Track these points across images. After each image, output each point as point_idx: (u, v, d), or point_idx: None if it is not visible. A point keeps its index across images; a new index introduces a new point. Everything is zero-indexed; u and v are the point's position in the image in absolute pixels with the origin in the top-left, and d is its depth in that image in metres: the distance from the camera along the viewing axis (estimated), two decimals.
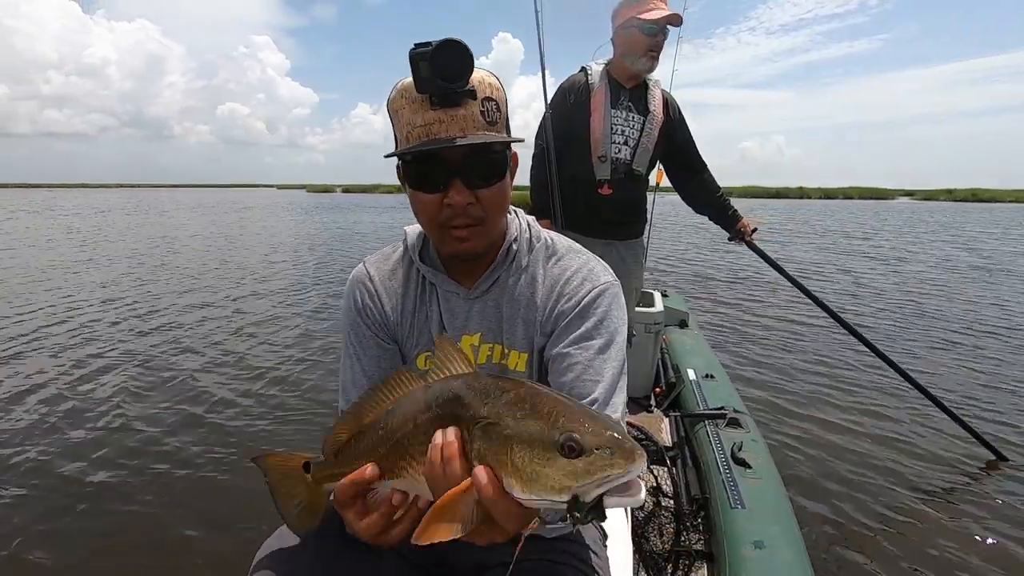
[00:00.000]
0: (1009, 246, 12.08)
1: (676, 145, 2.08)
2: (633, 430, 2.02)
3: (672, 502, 1.81)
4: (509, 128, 0.74)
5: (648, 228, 2.27)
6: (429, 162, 0.69)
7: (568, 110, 1.96)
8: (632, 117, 1.96)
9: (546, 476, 0.43)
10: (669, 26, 1.89)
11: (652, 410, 2.54)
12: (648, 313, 2.59)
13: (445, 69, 0.63)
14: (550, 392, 0.49)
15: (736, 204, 2.24)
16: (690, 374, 2.44)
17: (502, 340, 0.79)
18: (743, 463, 1.69)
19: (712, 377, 2.39)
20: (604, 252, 1.80)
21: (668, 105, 2.03)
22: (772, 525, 1.43)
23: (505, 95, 0.72)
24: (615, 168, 1.97)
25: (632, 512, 1.57)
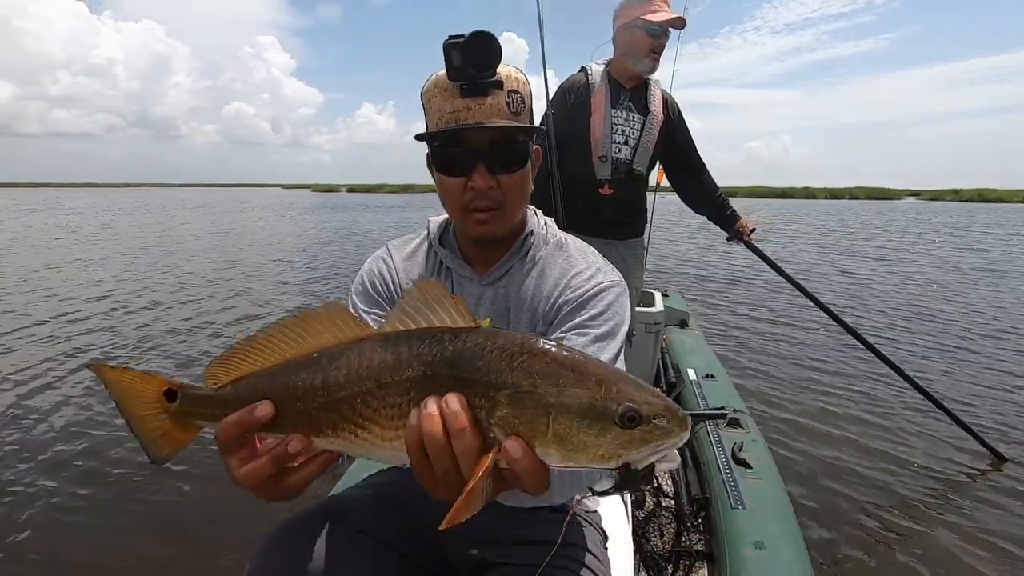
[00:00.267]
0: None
1: (676, 145, 2.08)
2: None
3: (673, 502, 1.81)
4: (533, 121, 0.79)
5: (649, 228, 2.27)
6: (455, 147, 0.74)
7: (568, 110, 1.97)
8: (632, 117, 1.97)
9: (596, 445, 0.41)
10: (672, 29, 1.89)
11: None
12: (648, 313, 2.58)
13: (476, 58, 0.68)
14: (588, 357, 0.45)
15: (742, 204, 2.25)
16: (690, 374, 2.44)
17: (509, 327, 0.81)
18: (744, 463, 1.69)
19: (712, 377, 2.38)
20: (604, 252, 1.78)
21: (668, 105, 2.03)
22: (772, 525, 1.42)
23: (531, 90, 0.77)
24: (615, 168, 1.97)
25: (632, 512, 1.57)
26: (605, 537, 0.93)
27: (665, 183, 2.36)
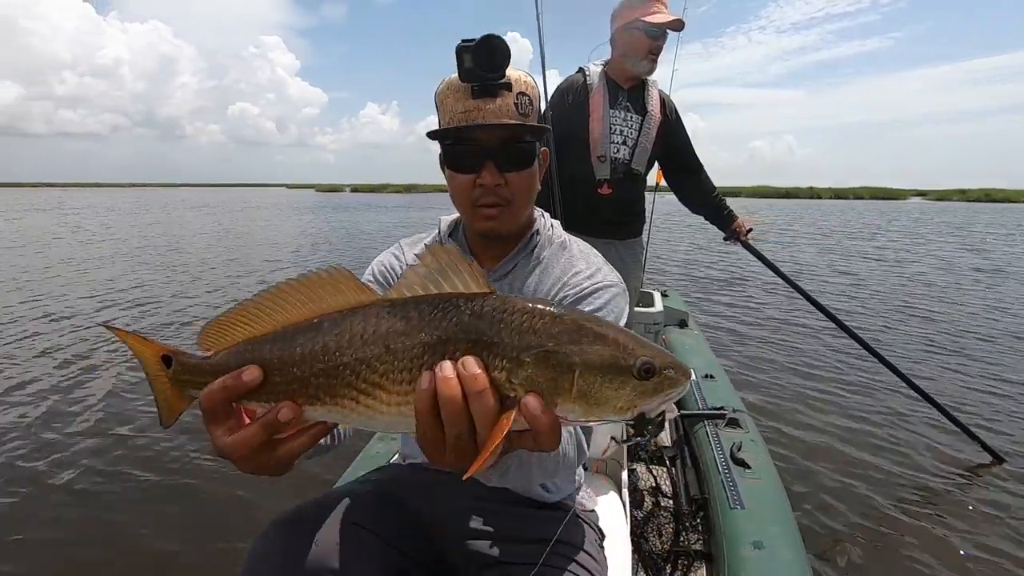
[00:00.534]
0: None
1: (673, 146, 2.09)
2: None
3: (671, 502, 1.81)
4: (540, 123, 0.82)
5: (648, 228, 2.28)
6: (466, 145, 0.78)
7: (566, 111, 1.97)
8: (630, 117, 1.97)
9: (616, 398, 0.44)
10: (670, 31, 1.89)
11: None
12: (648, 313, 2.58)
13: (485, 61, 0.72)
14: (599, 318, 0.48)
15: (746, 204, 2.26)
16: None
17: None
18: (742, 463, 1.69)
19: (712, 377, 2.38)
20: (603, 252, 1.78)
21: (665, 105, 2.04)
22: (771, 525, 1.42)
23: (539, 93, 0.81)
24: (614, 168, 1.97)
25: (631, 512, 1.58)
26: (602, 536, 0.94)
27: (664, 183, 2.37)
